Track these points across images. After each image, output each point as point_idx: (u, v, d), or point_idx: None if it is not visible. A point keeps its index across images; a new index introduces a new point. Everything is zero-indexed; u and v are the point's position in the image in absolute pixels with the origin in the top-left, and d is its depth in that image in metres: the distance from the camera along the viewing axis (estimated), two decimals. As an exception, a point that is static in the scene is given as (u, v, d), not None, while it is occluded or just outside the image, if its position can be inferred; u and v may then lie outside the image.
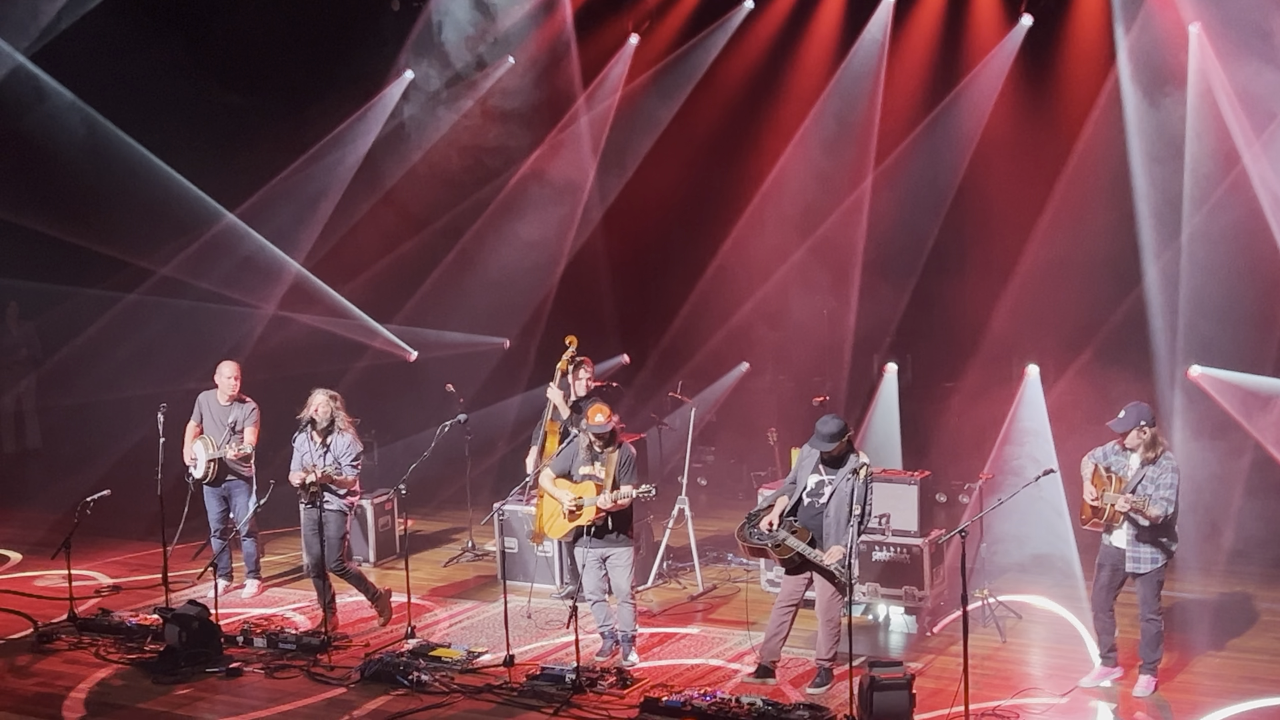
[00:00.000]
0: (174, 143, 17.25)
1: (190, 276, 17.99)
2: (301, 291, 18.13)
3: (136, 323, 18.02)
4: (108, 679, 11.75)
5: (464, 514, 15.43)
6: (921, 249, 16.51)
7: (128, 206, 17.23)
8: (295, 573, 14.48)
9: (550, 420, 13.34)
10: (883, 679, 10.09)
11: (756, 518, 11.41)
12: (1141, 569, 10.60)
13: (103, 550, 15.15)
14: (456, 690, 11.17)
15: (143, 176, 17.20)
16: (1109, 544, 10.77)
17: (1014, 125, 15.87)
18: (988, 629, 12.10)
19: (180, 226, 17.61)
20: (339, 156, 17.99)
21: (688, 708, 10.41)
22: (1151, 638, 10.73)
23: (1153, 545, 10.55)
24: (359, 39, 17.43)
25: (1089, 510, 10.72)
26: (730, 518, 16.08)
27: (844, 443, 11.03)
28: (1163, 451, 10.56)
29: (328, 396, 12.48)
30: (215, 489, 13.66)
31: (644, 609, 13.14)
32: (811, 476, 11.16)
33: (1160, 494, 10.39)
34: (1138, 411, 10.59)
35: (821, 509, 11.02)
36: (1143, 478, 10.48)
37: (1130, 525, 10.54)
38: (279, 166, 17.87)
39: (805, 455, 11.31)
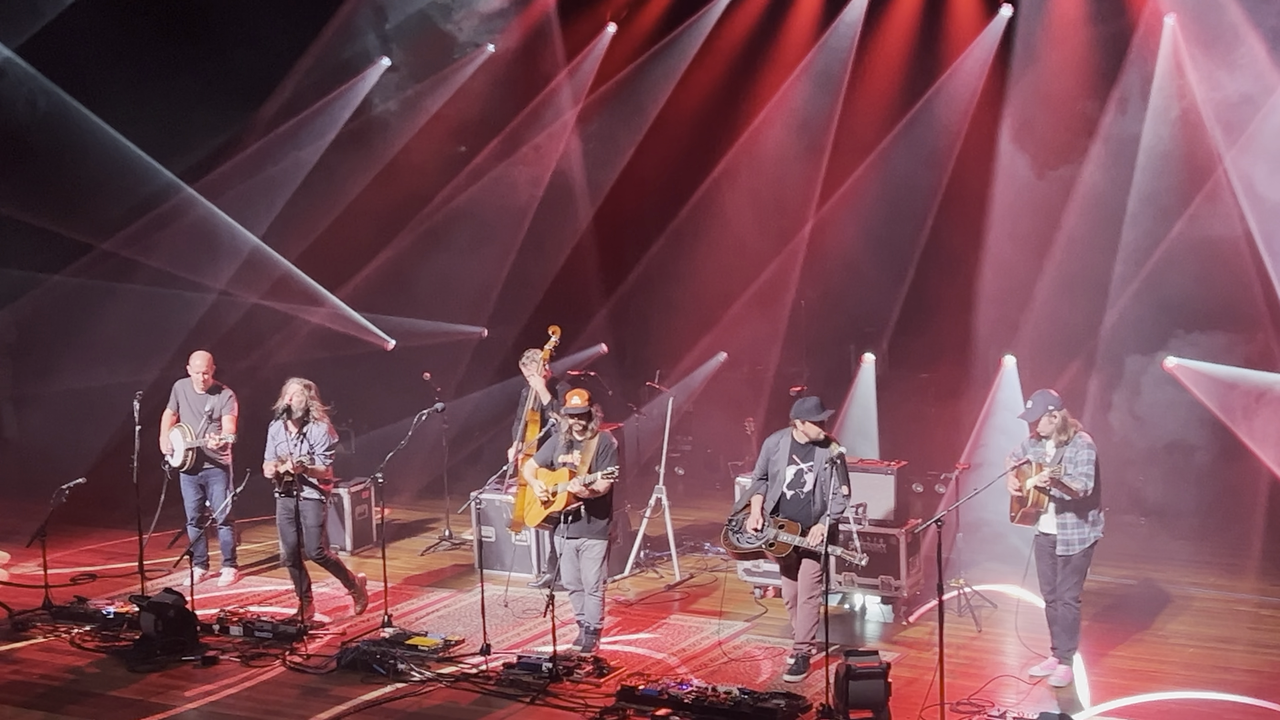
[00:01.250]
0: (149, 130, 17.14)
1: (168, 264, 17.89)
2: (279, 279, 18.05)
3: (113, 310, 17.92)
4: (83, 667, 11.72)
5: (441, 503, 15.44)
6: (900, 241, 16.52)
7: (103, 193, 17.13)
8: (271, 561, 14.46)
9: (530, 409, 13.34)
10: (859, 668, 10.11)
11: (738, 522, 11.44)
12: (1071, 550, 10.61)
13: (78, 538, 15.10)
14: (433, 679, 11.17)
15: (117, 164, 17.09)
16: (1040, 533, 10.80)
17: (995, 116, 15.86)
18: (963, 618, 12.16)
19: (158, 215, 17.52)
20: (314, 143, 17.90)
21: (664, 696, 10.44)
22: (1069, 624, 10.75)
23: (1079, 525, 10.59)
24: (338, 22, 17.35)
25: (1015, 504, 10.75)
26: (707, 507, 16.17)
27: (823, 421, 11.09)
28: (1075, 432, 10.62)
29: (302, 385, 12.46)
30: (192, 477, 13.63)
31: (621, 597, 13.17)
32: (788, 469, 11.18)
33: (1079, 470, 10.44)
34: (1044, 398, 10.66)
35: (807, 498, 11.08)
36: (1060, 460, 10.54)
37: (1056, 508, 10.59)
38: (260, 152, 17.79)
39: (774, 448, 11.31)
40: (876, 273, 16.67)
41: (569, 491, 11.43)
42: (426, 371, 15.88)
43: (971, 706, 10.34)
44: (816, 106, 16.98)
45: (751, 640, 11.99)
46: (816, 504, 11.04)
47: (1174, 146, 14.92)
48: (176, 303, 17.70)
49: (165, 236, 17.55)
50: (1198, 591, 13.05)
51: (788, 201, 17.16)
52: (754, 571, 13.04)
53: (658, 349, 17.49)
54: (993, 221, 15.84)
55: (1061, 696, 10.54)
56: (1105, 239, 15.37)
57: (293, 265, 17.89)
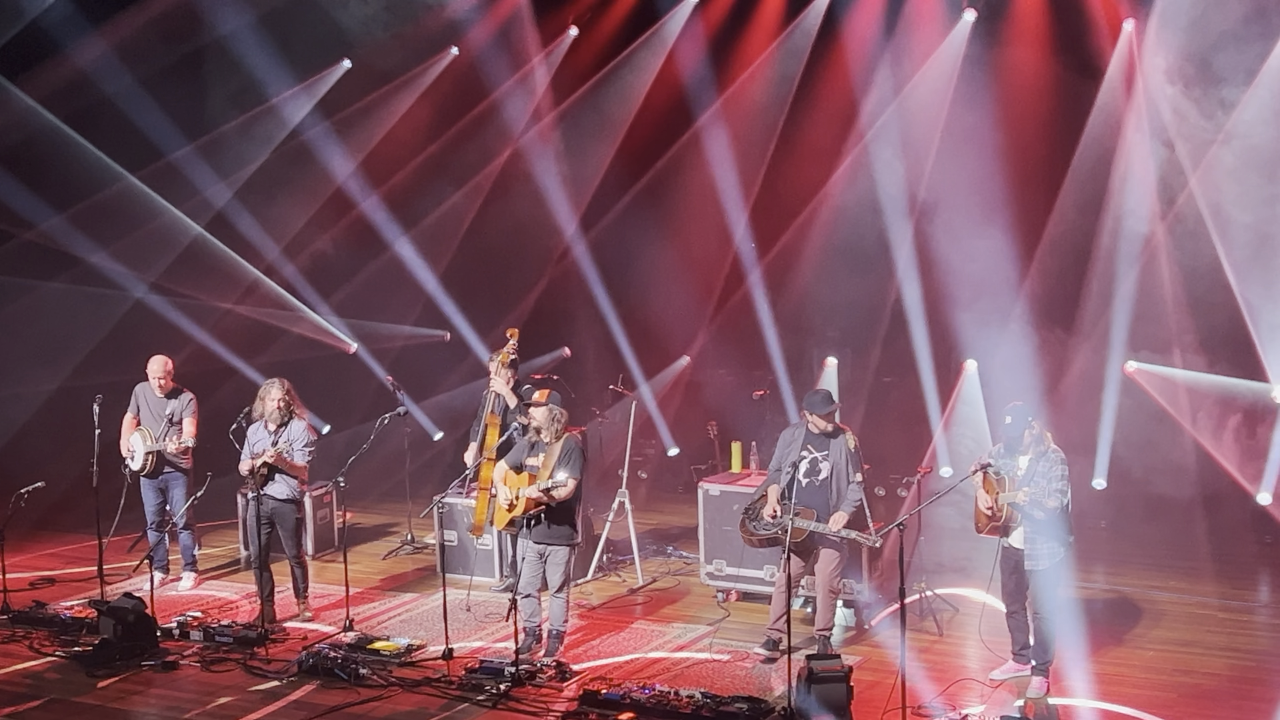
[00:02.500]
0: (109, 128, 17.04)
1: (127, 266, 17.78)
2: (240, 282, 17.96)
3: (71, 312, 17.80)
4: (42, 672, 11.63)
5: (403, 507, 15.39)
6: (864, 246, 16.54)
7: (60, 193, 17.02)
8: (233, 566, 14.40)
9: (490, 413, 13.30)
10: (821, 671, 10.14)
11: (755, 510, 11.64)
12: (1040, 565, 10.59)
13: (37, 542, 15.00)
14: (395, 683, 11.13)
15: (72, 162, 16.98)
16: (1008, 546, 10.77)
17: (965, 119, 15.88)
18: (925, 621, 12.20)
19: (115, 217, 17.40)
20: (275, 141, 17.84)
21: (626, 700, 10.43)
22: (1043, 637, 10.71)
23: (1049, 540, 10.57)
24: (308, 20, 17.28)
25: (984, 518, 10.76)
26: (671, 511, 16.19)
27: (834, 413, 11.41)
28: (1049, 445, 10.62)
29: (278, 385, 12.47)
30: (153, 481, 13.55)
31: (583, 602, 13.15)
32: (803, 457, 11.37)
33: (1053, 486, 10.43)
34: (1023, 411, 10.63)
35: (823, 485, 11.33)
36: (1034, 474, 10.52)
37: (1027, 523, 10.57)
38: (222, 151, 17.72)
39: (790, 439, 11.60)
40: (840, 277, 16.68)
41: (528, 497, 11.41)
42: (389, 375, 15.84)
43: (934, 709, 10.36)
44: (784, 108, 16.96)
45: (714, 644, 11.98)
46: (832, 492, 11.32)
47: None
48: (139, 306, 17.59)
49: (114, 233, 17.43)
50: (1157, 595, 13.11)
51: (754, 207, 17.14)
52: (717, 575, 13.05)
53: (621, 352, 17.46)
54: (954, 228, 15.86)
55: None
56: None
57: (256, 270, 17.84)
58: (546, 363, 17.16)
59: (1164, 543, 14.29)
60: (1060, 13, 15.36)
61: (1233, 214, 14.28)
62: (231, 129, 17.63)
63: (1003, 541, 10.83)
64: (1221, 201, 14.35)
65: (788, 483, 11.30)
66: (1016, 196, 15.32)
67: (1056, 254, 15.51)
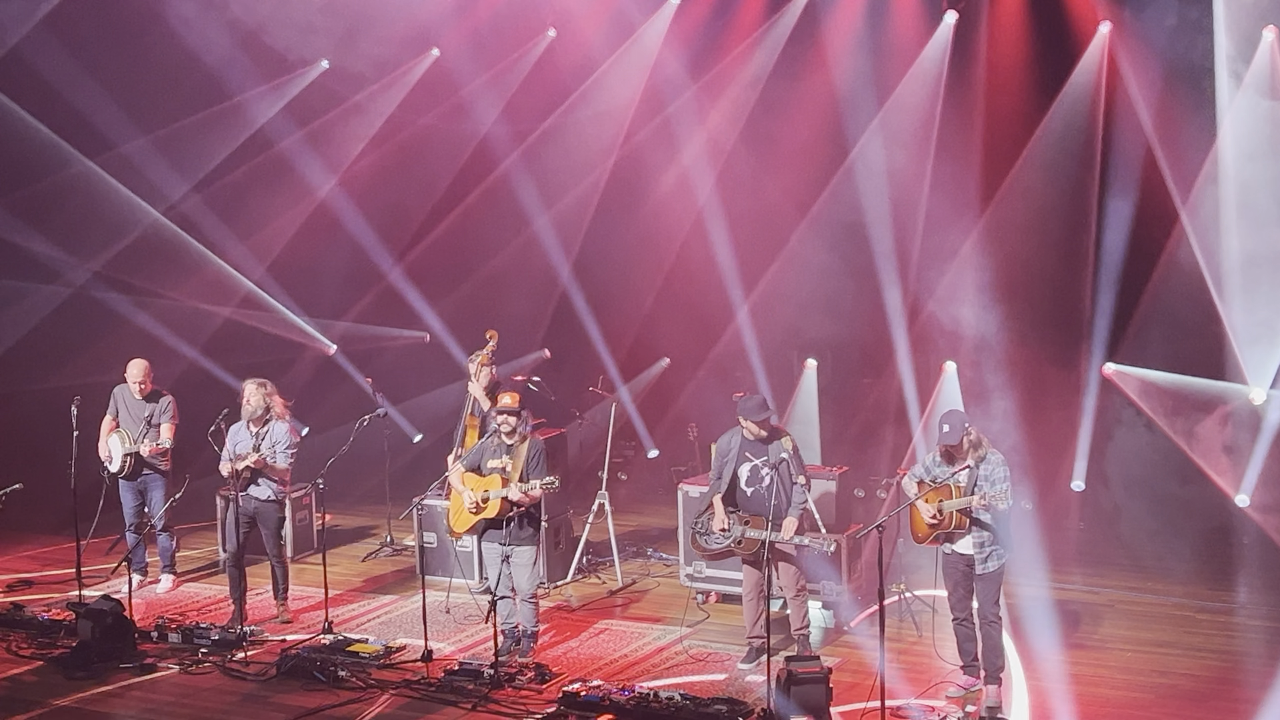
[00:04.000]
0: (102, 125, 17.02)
1: (109, 269, 17.74)
2: (219, 283, 17.92)
3: (48, 314, 17.76)
4: (19, 675, 11.60)
5: (383, 509, 15.37)
6: (845, 247, 16.55)
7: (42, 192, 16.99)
8: (211, 568, 14.37)
9: (470, 415, 13.31)
10: (800, 673, 10.17)
11: (704, 524, 11.58)
12: (990, 568, 10.52)
13: (15, 544, 14.95)
14: (374, 685, 11.12)
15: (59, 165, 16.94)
16: (952, 552, 10.69)
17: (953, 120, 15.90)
18: (904, 623, 12.22)
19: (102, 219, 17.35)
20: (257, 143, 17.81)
21: (606, 702, 10.43)
22: (994, 643, 10.60)
23: (995, 544, 10.52)
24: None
25: (925, 528, 10.65)
26: (650, 512, 16.19)
27: (768, 418, 11.29)
28: (988, 449, 10.60)
29: (258, 385, 12.47)
30: (131, 483, 13.52)
31: (563, 603, 13.15)
32: (743, 466, 11.34)
33: (998, 489, 10.35)
34: (959, 418, 10.58)
35: (766, 492, 11.23)
36: (977, 478, 10.48)
37: (976, 528, 10.52)
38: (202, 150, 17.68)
39: (726, 448, 11.49)
40: (820, 278, 16.69)
41: (504, 498, 11.39)
42: (369, 376, 15.82)
43: (912, 710, 10.38)
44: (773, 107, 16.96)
45: (694, 645, 11.99)
46: (777, 497, 11.18)
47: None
48: (118, 307, 17.55)
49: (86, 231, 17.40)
50: (1134, 596, 13.15)
51: (736, 208, 17.14)
52: (696, 577, 13.06)
53: (600, 354, 17.45)
54: (933, 230, 15.89)
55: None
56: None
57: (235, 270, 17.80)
58: (526, 364, 17.14)
59: (1141, 544, 14.32)
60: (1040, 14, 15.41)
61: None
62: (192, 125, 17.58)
63: (945, 549, 10.75)
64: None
65: (728, 492, 11.28)
66: (998, 198, 15.39)
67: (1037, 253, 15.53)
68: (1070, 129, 15.33)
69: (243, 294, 17.94)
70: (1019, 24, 15.55)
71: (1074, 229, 15.35)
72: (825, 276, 16.45)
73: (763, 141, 16.90)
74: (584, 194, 17.78)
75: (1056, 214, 15.39)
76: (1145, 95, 14.61)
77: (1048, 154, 15.42)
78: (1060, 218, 15.40)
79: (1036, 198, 15.42)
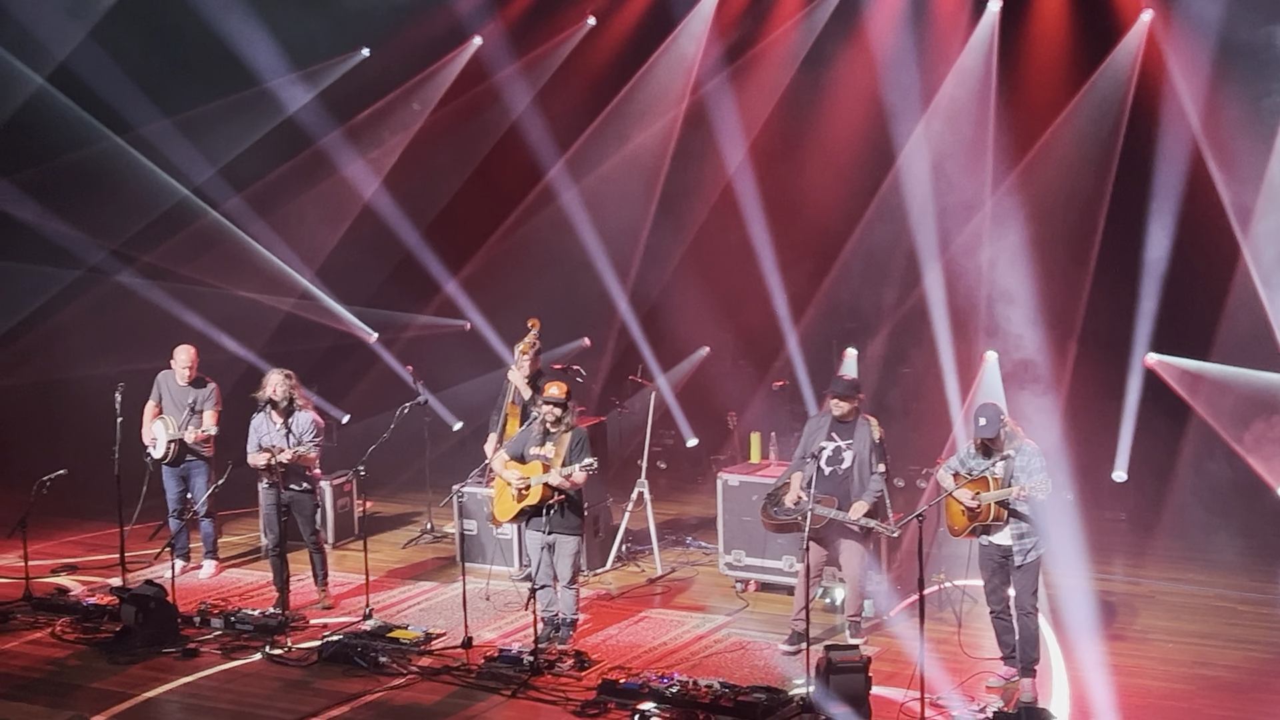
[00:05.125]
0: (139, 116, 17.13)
1: (152, 255, 17.87)
2: (264, 273, 18.03)
3: (94, 300, 17.89)
4: (63, 659, 11.70)
5: (423, 496, 15.43)
6: (885, 237, 16.50)
7: (88, 183, 17.10)
8: (253, 554, 14.46)
9: (510, 403, 13.35)
10: (839, 661, 10.16)
11: (777, 496, 11.68)
12: (1028, 559, 10.46)
13: (59, 529, 15.07)
14: (414, 672, 11.17)
15: (106, 153, 17.06)
16: (989, 544, 10.63)
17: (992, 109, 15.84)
18: (944, 613, 12.19)
19: (142, 205, 17.47)
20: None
21: (645, 690, 10.44)
22: (1030, 635, 10.55)
23: (1032, 534, 10.48)
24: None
25: (962, 521, 10.61)
26: (689, 502, 16.21)
27: (857, 402, 11.47)
28: (1023, 440, 10.55)
29: (283, 376, 12.50)
30: (174, 469, 13.61)
31: (602, 591, 13.18)
32: (827, 445, 11.44)
33: (1036, 479, 10.29)
34: (994, 410, 10.53)
35: (845, 474, 11.34)
36: (1013, 470, 10.41)
37: (1014, 520, 10.46)
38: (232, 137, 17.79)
39: (814, 428, 11.65)
40: (862, 267, 16.66)
41: (545, 484, 11.42)
42: (409, 364, 15.87)
43: (951, 701, 10.36)
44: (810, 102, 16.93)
45: (733, 634, 12.01)
46: (854, 481, 11.31)
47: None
48: (163, 295, 17.67)
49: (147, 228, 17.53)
50: (1175, 587, 13.10)
51: (773, 197, 17.11)
52: (735, 566, 13.06)
53: (641, 342, 17.45)
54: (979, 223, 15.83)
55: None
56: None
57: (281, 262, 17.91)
58: (566, 353, 17.16)
59: (1183, 535, 14.25)
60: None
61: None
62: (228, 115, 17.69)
63: (981, 541, 10.70)
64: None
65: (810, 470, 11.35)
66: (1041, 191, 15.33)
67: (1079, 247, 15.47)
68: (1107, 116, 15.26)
69: (287, 284, 18.03)
70: (1061, 12, 15.50)
71: (1117, 218, 15.26)
72: (865, 265, 16.42)
73: (803, 128, 16.86)
74: (625, 185, 17.78)
75: (1099, 201, 15.31)
76: (1190, 85, 14.50)
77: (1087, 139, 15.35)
78: (1104, 205, 15.32)
79: (1078, 183, 15.34)
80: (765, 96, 17.01)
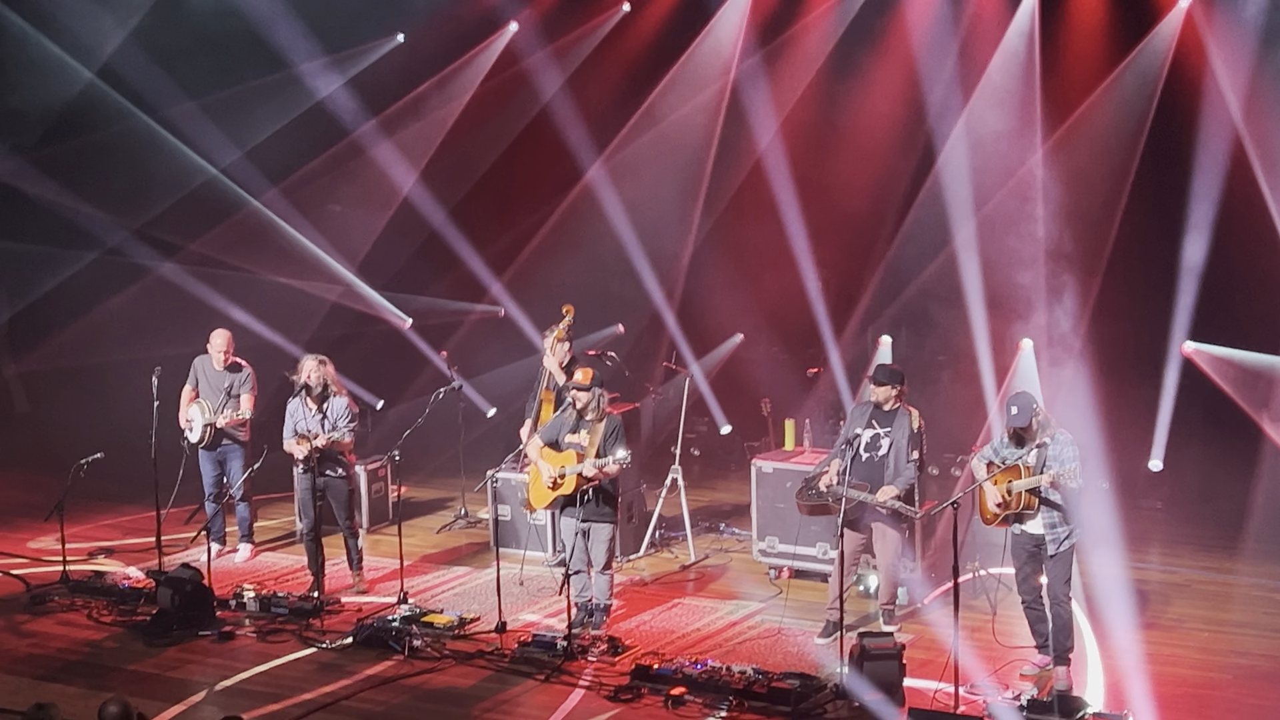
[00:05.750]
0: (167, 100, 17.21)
1: (185, 240, 17.96)
2: (297, 257, 18.09)
3: (130, 285, 18.00)
4: (100, 641, 11.78)
5: (457, 481, 15.46)
6: (921, 224, 16.45)
7: (121, 168, 17.20)
8: (288, 538, 14.52)
9: (545, 389, 13.37)
10: (873, 649, 10.16)
11: (814, 480, 11.70)
12: (1062, 548, 10.41)
13: (96, 513, 15.16)
14: (448, 656, 11.21)
15: (136, 137, 17.14)
16: (1021, 533, 10.58)
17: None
18: (978, 601, 12.16)
19: (175, 189, 17.55)
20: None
21: (679, 675, 10.45)
22: (1064, 623, 10.49)
23: (1065, 523, 10.43)
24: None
25: (993, 510, 10.56)
26: (723, 488, 16.21)
27: (899, 391, 11.49)
28: (1055, 428, 10.50)
29: (317, 361, 12.55)
30: (210, 453, 13.67)
31: (636, 577, 13.19)
32: (866, 431, 11.46)
33: (1068, 467, 10.25)
34: (1027, 399, 10.48)
35: (880, 462, 11.36)
36: (1046, 459, 10.35)
37: (1045, 508, 10.41)
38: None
39: (856, 414, 11.70)
40: (894, 255, 16.62)
41: (579, 474, 11.44)
42: (443, 350, 15.91)
43: (985, 688, 10.34)
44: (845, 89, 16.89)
45: (766, 620, 12.01)
46: (889, 468, 11.34)
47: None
48: (199, 280, 17.76)
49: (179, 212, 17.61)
50: (1211, 576, 13.04)
51: (807, 185, 17.07)
52: (769, 552, 13.06)
53: (672, 329, 17.45)
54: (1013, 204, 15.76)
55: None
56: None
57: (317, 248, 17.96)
58: (600, 339, 17.17)
59: (1220, 524, 14.17)
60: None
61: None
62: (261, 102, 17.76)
63: (1014, 530, 10.64)
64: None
65: (849, 456, 11.39)
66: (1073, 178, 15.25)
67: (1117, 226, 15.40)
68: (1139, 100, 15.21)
69: (324, 271, 18.09)
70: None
71: (1157, 203, 15.18)
72: (903, 253, 16.38)
73: (837, 114, 16.82)
74: (660, 171, 17.77)
75: (1139, 188, 15.24)
76: (1232, 72, 14.41)
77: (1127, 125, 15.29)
78: (1143, 191, 15.25)
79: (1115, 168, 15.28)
80: (800, 81, 16.97)
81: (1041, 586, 10.66)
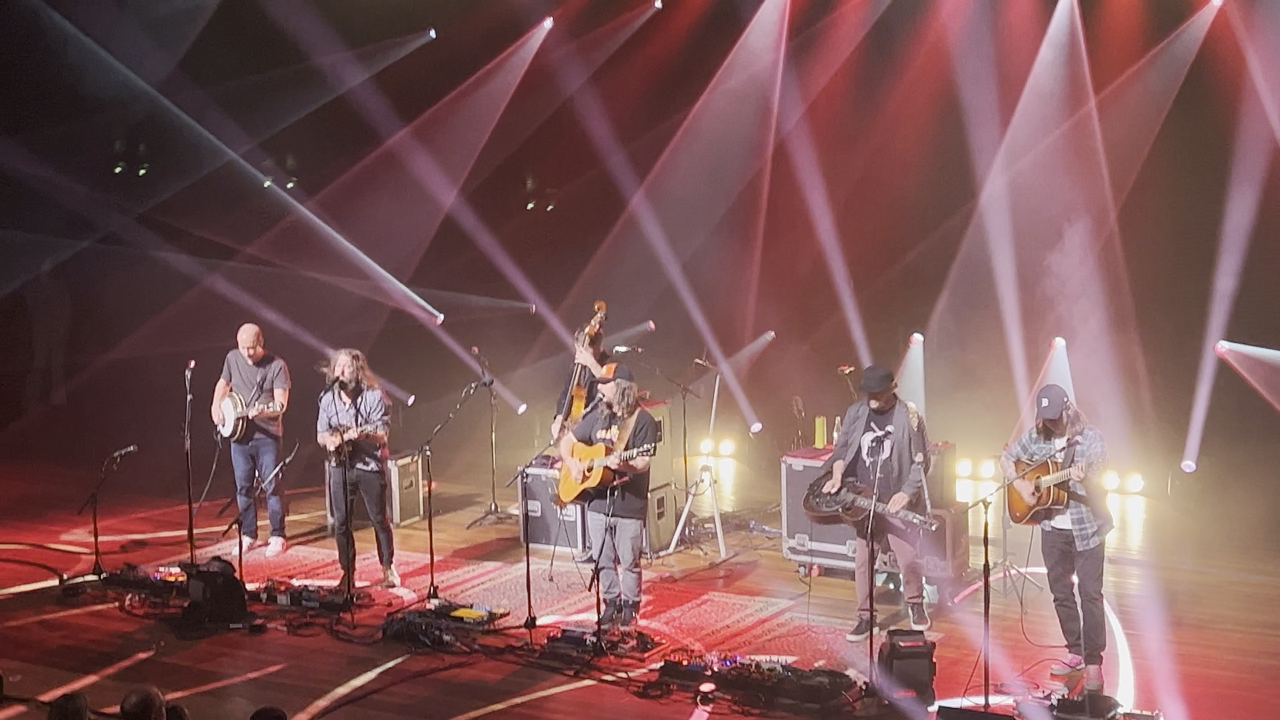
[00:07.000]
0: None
1: (222, 236, 18.05)
2: (330, 254, 18.16)
3: (165, 280, 18.09)
4: (132, 633, 11.85)
5: (487, 477, 15.47)
6: (950, 222, 16.43)
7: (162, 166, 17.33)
8: (319, 532, 14.57)
9: (577, 385, 13.39)
10: (903, 647, 10.14)
11: (819, 486, 11.58)
12: (1091, 544, 10.36)
13: (129, 506, 15.23)
14: (478, 651, 11.24)
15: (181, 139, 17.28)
16: (1051, 529, 10.52)
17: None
18: (1008, 599, 12.12)
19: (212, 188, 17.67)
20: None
21: (708, 671, 10.45)
22: (1096, 621, 10.44)
23: (1095, 519, 10.39)
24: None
25: (1024, 506, 10.50)
26: (753, 485, 16.18)
27: (892, 390, 11.34)
28: (1085, 424, 10.45)
29: (350, 356, 12.58)
30: (243, 447, 13.72)
31: (665, 574, 13.20)
32: (866, 435, 11.35)
33: (1099, 462, 10.22)
34: (1058, 393, 10.43)
35: (885, 464, 11.22)
36: (1076, 453, 10.30)
37: (1074, 503, 10.37)
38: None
39: (854, 416, 11.55)
40: (927, 253, 16.59)
41: (605, 467, 11.45)
42: (474, 345, 15.94)
43: (1015, 688, 10.31)
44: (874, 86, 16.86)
45: (795, 618, 12.00)
46: (894, 470, 11.21)
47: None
48: (233, 275, 17.85)
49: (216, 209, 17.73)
50: (1244, 577, 12.95)
51: (837, 186, 17.06)
52: (798, 550, 13.04)
53: (705, 326, 17.46)
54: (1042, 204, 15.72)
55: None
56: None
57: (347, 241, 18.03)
58: (630, 335, 17.17)
59: (1253, 525, 14.09)
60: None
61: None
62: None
63: (1045, 526, 10.59)
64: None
65: (851, 461, 11.32)
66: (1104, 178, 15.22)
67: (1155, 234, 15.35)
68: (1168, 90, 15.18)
69: (355, 266, 18.16)
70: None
71: (1195, 208, 15.12)
72: (935, 251, 16.35)
73: (870, 114, 16.79)
74: (689, 171, 17.79)
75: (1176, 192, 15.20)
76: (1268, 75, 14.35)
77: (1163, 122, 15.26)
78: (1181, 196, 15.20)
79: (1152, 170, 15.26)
80: (834, 80, 16.95)
81: (1073, 584, 10.61)
